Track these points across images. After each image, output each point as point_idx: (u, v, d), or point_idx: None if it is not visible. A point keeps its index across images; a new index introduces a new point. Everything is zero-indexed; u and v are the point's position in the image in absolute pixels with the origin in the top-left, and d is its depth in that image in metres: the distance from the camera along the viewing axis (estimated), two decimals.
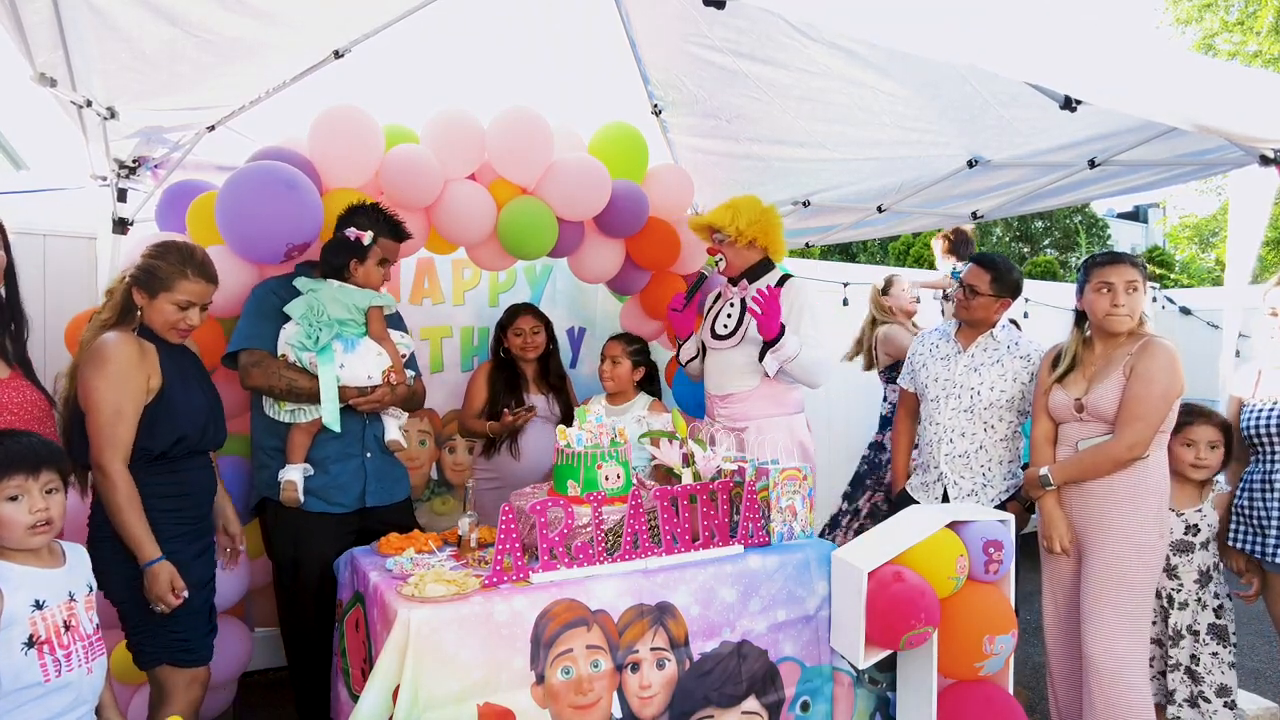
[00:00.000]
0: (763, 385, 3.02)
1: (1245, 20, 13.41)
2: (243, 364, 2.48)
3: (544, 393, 3.40)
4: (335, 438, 2.52)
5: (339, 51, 2.47)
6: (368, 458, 2.61)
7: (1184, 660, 2.64)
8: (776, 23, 2.83)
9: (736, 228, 3.02)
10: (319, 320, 2.45)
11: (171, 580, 2.05)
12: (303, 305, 2.47)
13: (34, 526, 1.70)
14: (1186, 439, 2.64)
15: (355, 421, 2.58)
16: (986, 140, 3.18)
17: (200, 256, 2.21)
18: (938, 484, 3.00)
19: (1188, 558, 2.64)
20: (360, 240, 2.53)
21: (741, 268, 3.11)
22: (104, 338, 2.08)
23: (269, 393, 2.48)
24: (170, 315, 2.16)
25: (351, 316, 2.51)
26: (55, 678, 1.68)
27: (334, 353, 2.47)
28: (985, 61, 1.90)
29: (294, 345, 2.45)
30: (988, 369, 2.93)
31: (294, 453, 2.50)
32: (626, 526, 2.14)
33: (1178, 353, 2.45)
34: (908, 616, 2.12)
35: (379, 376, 2.53)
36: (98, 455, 2.02)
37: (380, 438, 2.64)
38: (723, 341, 3.10)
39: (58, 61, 2.32)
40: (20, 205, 3.11)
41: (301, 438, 2.51)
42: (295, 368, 2.45)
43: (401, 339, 2.69)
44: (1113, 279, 2.49)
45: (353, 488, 2.57)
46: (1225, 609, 2.66)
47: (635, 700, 2.08)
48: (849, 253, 17.08)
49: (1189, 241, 16.46)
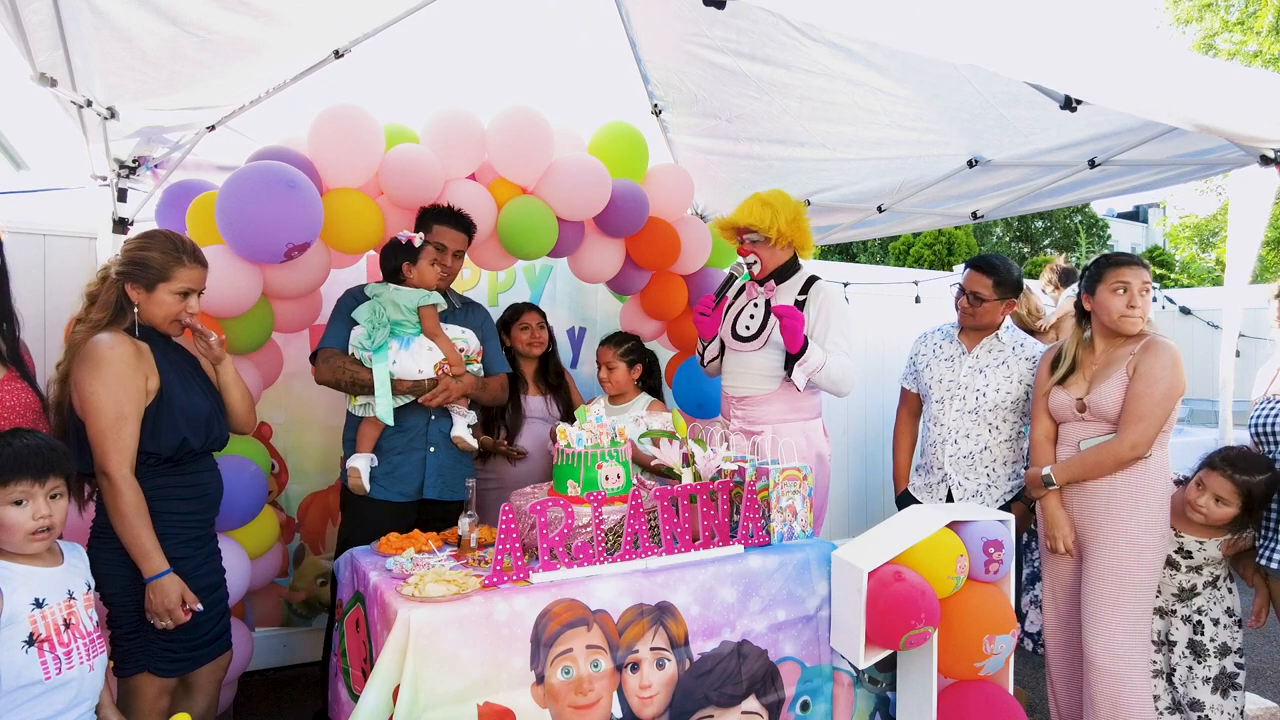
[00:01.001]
0: (782, 389, 2.91)
1: (1245, 20, 13.41)
2: (317, 362, 2.74)
3: (542, 393, 3.40)
4: (400, 432, 2.70)
5: (339, 51, 2.47)
6: (430, 452, 2.77)
7: (1164, 669, 2.60)
8: (777, 22, 2.83)
9: (778, 228, 2.85)
10: (378, 321, 2.65)
11: (182, 594, 2.00)
12: (367, 309, 2.69)
13: (35, 533, 1.70)
14: (1200, 480, 2.50)
15: (419, 417, 2.74)
16: (987, 140, 3.18)
17: (189, 242, 2.16)
18: (942, 485, 3.00)
19: (1171, 572, 2.57)
20: (411, 243, 2.68)
21: (772, 268, 2.96)
22: (96, 339, 1.99)
23: (336, 385, 2.69)
24: (171, 306, 2.09)
25: (405, 317, 2.67)
26: (55, 675, 1.68)
27: (388, 350, 2.64)
28: (985, 61, 1.89)
29: (357, 345, 2.68)
30: (993, 370, 2.93)
31: (362, 443, 2.71)
32: (626, 526, 2.14)
33: (1180, 352, 2.45)
34: (908, 616, 2.12)
35: (430, 370, 2.67)
36: (103, 461, 1.94)
37: (446, 434, 2.79)
38: (745, 344, 2.98)
39: (58, 61, 2.31)
40: (20, 205, 3.11)
41: (370, 430, 2.71)
42: (358, 362, 2.66)
43: (461, 334, 2.81)
44: (1130, 279, 2.46)
45: (412, 479, 2.75)
46: (1206, 626, 2.55)
47: (635, 700, 2.08)
48: (849, 253, 17.09)
49: (1189, 241, 16.45)
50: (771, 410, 2.94)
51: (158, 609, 1.98)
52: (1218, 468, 2.45)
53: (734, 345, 3.03)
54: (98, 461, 1.95)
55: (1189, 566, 2.56)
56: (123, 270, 2.07)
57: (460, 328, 2.83)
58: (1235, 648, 2.56)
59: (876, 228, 4.26)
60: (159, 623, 1.99)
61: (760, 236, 2.90)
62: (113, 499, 1.94)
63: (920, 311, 5.13)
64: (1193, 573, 2.57)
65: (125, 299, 2.07)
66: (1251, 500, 2.43)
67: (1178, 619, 2.59)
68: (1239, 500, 2.43)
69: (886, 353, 5.02)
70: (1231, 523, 2.48)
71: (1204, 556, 2.53)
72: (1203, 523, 2.49)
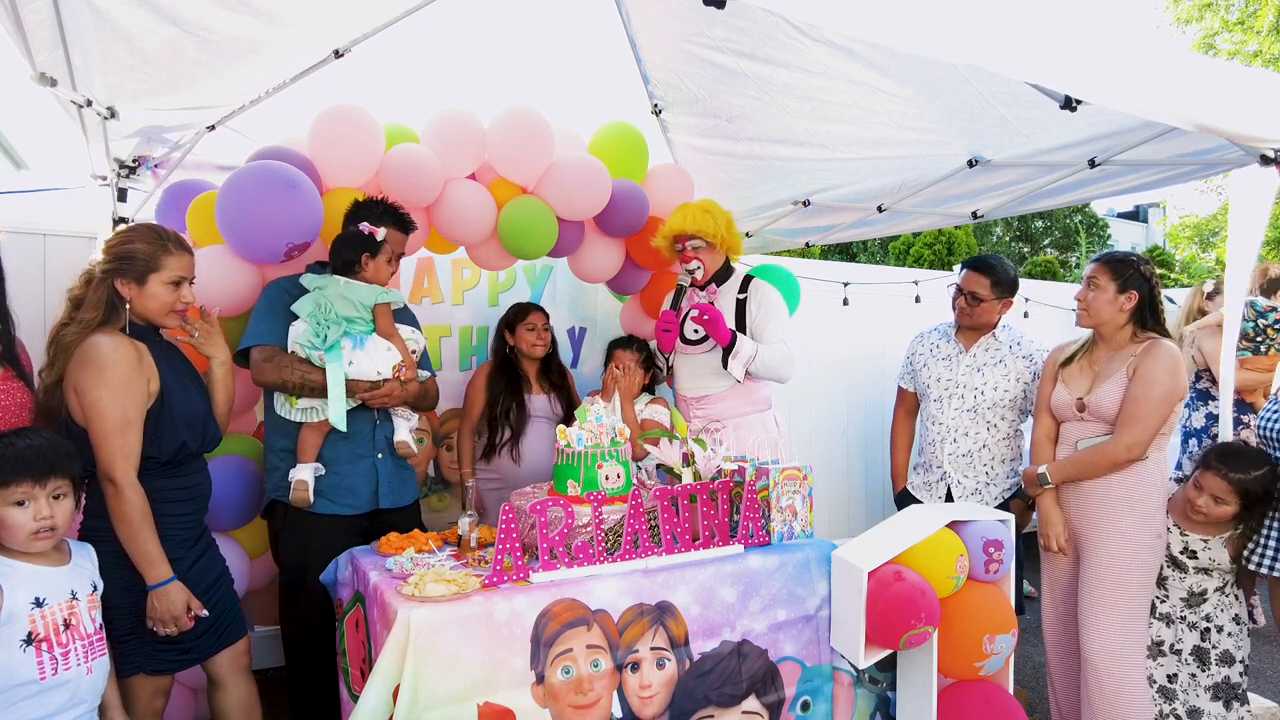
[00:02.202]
0: (735, 385, 3.04)
1: (1246, 20, 13.40)
2: (255, 360, 2.46)
3: (545, 392, 3.40)
4: (346, 438, 2.50)
5: (339, 51, 2.47)
6: (379, 459, 2.59)
7: (1159, 678, 2.56)
8: (777, 22, 2.83)
9: (720, 234, 3.00)
10: (327, 318, 2.44)
11: (188, 601, 1.98)
12: (310, 303, 2.45)
13: (37, 533, 1.70)
14: (1197, 481, 2.46)
15: (366, 422, 2.56)
16: (987, 140, 3.18)
17: (172, 231, 2.11)
18: (941, 483, 3.00)
19: (1179, 575, 2.55)
20: (374, 235, 2.52)
21: (712, 271, 3.10)
22: (95, 341, 1.93)
23: (282, 388, 2.46)
24: (165, 297, 2.05)
25: (359, 314, 2.49)
26: (51, 676, 1.67)
27: (342, 350, 2.45)
28: (985, 61, 1.89)
29: (303, 344, 2.44)
30: (991, 369, 2.94)
31: (305, 452, 2.48)
32: (626, 526, 2.14)
33: (1181, 355, 2.45)
34: (908, 616, 2.12)
35: (389, 372, 2.52)
36: (109, 467, 1.89)
37: (390, 439, 2.63)
38: (695, 346, 3.10)
39: (58, 61, 2.31)
40: (20, 205, 3.11)
41: (313, 437, 2.49)
42: (308, 362, 2.44)
43: (412, 335, 2.68)
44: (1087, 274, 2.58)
45: (364, 489, 2.56)
46: (1212, 634, 2.52)
47: (635, 700, 2.08)
48: (849, 253, 17.09)
49: (1189, 241, 16.44)
50: (729, 406, 3.06)
51: (162, 616, 1.95)
52: (1212, 467, 2.43)
53: (683, 349, 3.15)
54: (103, 467, 1.90)
55: (1196, 568, 2.52)
56: (110, 267, 2.01)
57: (410, 327, 2.71)
58: (1240, 657, 2.52)
59: (876, 228, 4.25)
60: (162, 630, 1.97)
61: (703, 243, 3.02)
62: (119, 505, 1.90)
63: (920, 311, 5.12)
64: (1201, 575, 2.53)
65: (116, 297, 2.01)
66: (1249, 497, 2.41)
67: (1184, 625, 2.55)
68: (1236, 498, 2.41)
69: (887, 352, 5.02)
70: (1235, 519, 2.45)
71: (1209, 557, 2.50)
72: (1204, 522, 2.47)
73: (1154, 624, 2.56)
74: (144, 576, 1.94)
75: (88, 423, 1.91)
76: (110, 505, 1.92)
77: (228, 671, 2.19)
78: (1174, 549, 2.53)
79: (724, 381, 3.05)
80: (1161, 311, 2.52)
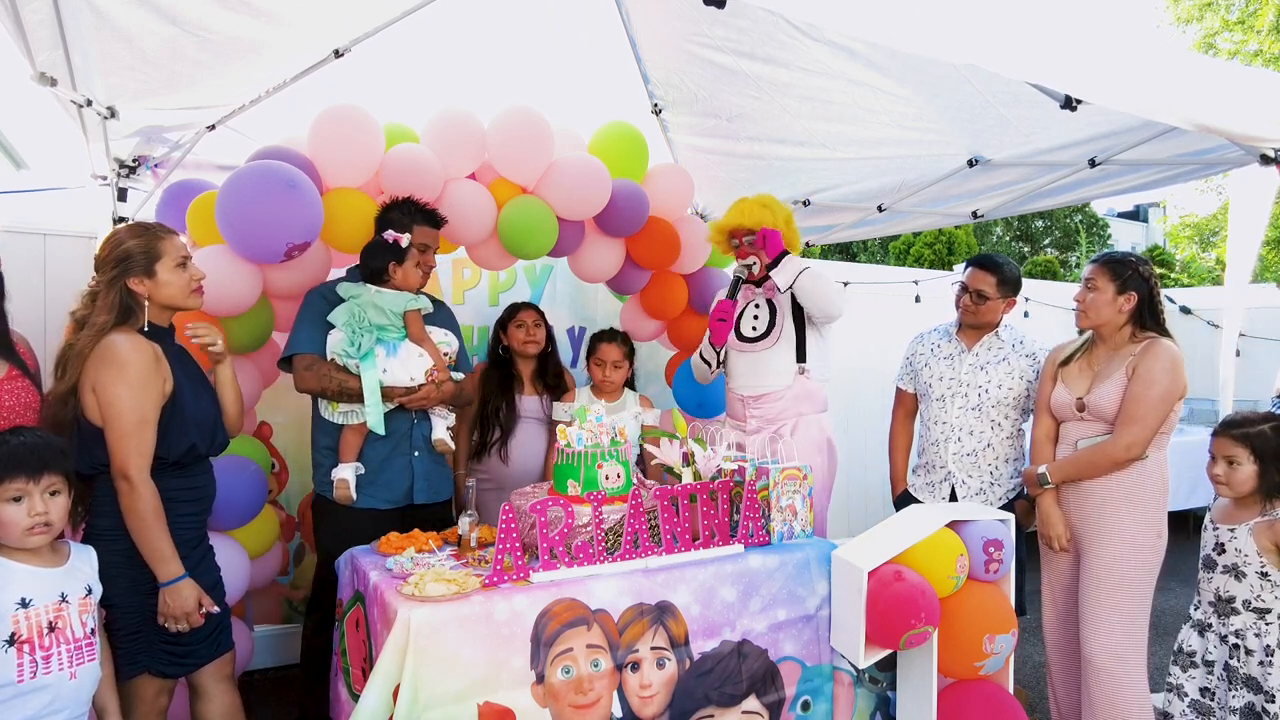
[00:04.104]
0: (796, 384, 2.95)
1: (1246, 19, 13.40)
2: (297, 368, 2.60)
3: (538, 393, 3.36)
4: (383, 438, 2.61)
5: (339, 51, 2.47)
6: (415, 456, 2.71)
7: (1190, 691, 2.42)
8: (777, 22, 2.83)
9: (778, 229, 2.91)
10: (360, 326, 2.54)
11: (200, 598, 1.99)
12: (345, 313, 2.57)
13: (32, 529, 1.70)
14: (1210, 454, 2.41)
15: (403, 421, 2.67)
16: (987, 140, 3.18)
17: (151, 221, 2.16)
18: (944, 483, 3.00)
19: (1208, 575, 2.42)
20: (398, 242, 2.60)
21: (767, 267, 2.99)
22: (114, 340, 1.94)
23: (322, 394, 2.60)
24: (180, 278, 2.06)
25: (390, 321, 2.58)
26: (29, 679, 1.66)
27: (376, 357, 2.55)
28: (985, 61, 1.89)
29: (340, 353, 2.56)
30: (994, 367, 2.94)
31: (346, 452, 2.61)
32: (626, 526, 2.14)
33: (1181, 355, 2.45)
34: (908, 616, 2.12)
35: (422, 377, 2.61)
36: (124, 465, 1.90)
37: (428, 437, 2.73)
38: (755, 344, 3.02)
39: (58, 61, 2.31)
40: (20, 205, 3.11)
41: (353, 438, 2.61)
42: (344, 369, 2.56)
43: (444, 337, 2.76)
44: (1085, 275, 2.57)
45: (399, 485, 2.68)
46: (1241, 654, 2.32)
47: (635, 700, 2.08)
48: (849, 253, 17.09)
49: (1189, 241, 16.46)
50: (790, 405, 2.97)
51: (175, 613, 1.97)
52: (1219, 434, 2.39)
53: (740, 347, 3.06)
54: (118, 464, 1.91)
55: (1224, 566, 2.37)
56: (115, 272, 2.01)
57: (442, 330, 2.78)
58: (1267, 687, 2.30)
59: (876, 227, 4.26)
60: (174, 626, 1.98)
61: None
62: (132, 502, 1.92)
63: (920, 311, 5.12)
64: (1229, 576, 2.36)
65: (130, 298, 2.01)
66: (1264, 455, 2.31)
67: (1214, 635, 2.41)
68: (1250, 454, 2.31)
69: (887, 352, 5.01)
70: (1259, 492, 2.33)
71: (1235, 548, 2.35)
72: (1231, 495, 2.37)
73: (1184, 629, 2.48)
74: (155, 574, 1.96)
75: (105, 420, 1.92)
76: (124, 502, 1.93)
77: (213, 680, 2.19)
78: (1207, 546, 2.43)
79: (783, 379, 2.95)
80: (1161, 311, 2.51)
